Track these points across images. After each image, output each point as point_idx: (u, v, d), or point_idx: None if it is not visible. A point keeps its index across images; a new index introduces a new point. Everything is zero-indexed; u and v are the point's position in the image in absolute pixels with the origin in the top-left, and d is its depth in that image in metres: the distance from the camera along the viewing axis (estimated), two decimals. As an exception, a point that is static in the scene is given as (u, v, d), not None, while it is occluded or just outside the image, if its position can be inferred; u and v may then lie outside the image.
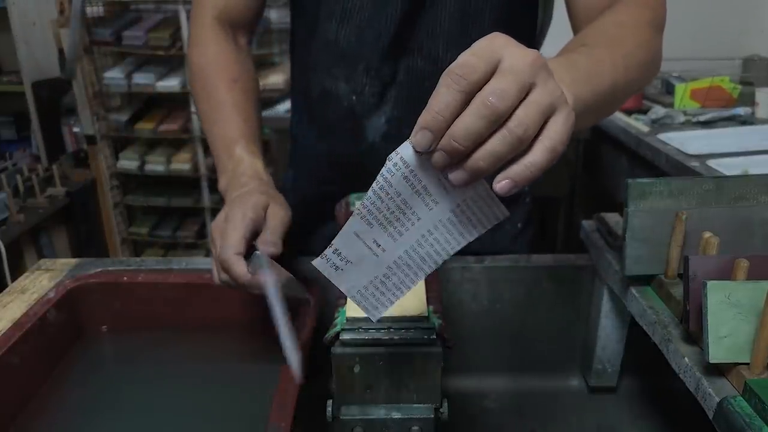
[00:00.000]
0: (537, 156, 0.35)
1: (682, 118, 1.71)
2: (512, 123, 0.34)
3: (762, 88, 1.76)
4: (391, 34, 0.70)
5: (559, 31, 0.77)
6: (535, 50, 0.35)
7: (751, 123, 1.67)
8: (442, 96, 0.34)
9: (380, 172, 0.37)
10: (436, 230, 0.39)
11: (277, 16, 2.13)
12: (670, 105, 1.81)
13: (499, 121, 0.34)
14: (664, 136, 1.56)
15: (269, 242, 0.55)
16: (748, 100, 1.75)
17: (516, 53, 0.34)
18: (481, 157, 0.34)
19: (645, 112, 1.76)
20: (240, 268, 0.52)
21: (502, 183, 0.35)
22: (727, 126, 1.66)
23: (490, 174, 0.35)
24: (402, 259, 0.39)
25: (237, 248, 0.53)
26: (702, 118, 1.67)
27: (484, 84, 0.34)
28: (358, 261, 0.39)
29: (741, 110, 1.68)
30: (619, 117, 1.77)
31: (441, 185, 0.37)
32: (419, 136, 0.34)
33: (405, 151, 0.36)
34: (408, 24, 0.70)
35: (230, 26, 0.76)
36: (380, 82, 0.73)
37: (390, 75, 0.73)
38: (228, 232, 0.54)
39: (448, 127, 0.34)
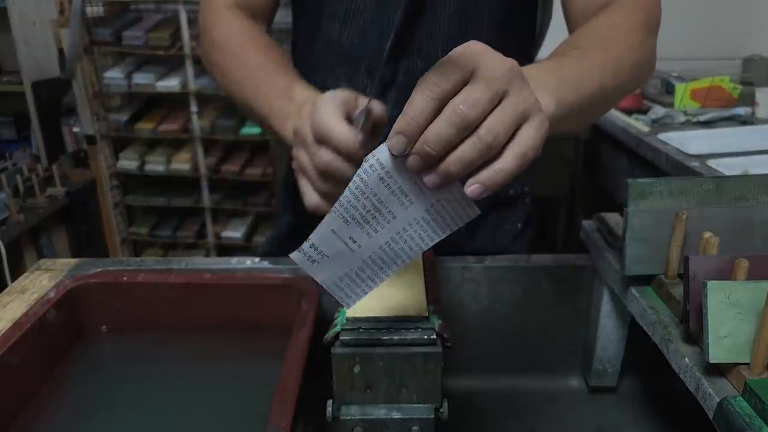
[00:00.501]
0: (506, 162, 0.36)
1: (682, 118, 1.71)
2: (482, 130, 0.35)
3: (762, 88, 1.76)
4: (393, 35, 0.71)
5: (558, 31, 0.77)
6: (511, 59, 0.37)
7: (752, 123, 1.67)
8: (417, 103, 0.35)
9: (356, 173, 0.38)
10: (410, 227, 0.40)
11: (278, 16, 2.13)
12: (670, 105, 1.81)
13: (469, 128, 0.35)
14: (664, 136, 1.56)
15: (372, 104, 0.47)
16: (749, 100, 1.75)
17: (492, 61, 0.36)
18: (452, 162, 0.36)
19: (645, 112, 1.76)
20: (342, 128, 0.44)
21: (472, 187, 0.36)
22: (728, 126, 1.66)
23: (462, 177, 0.37)
24: (377, 254, 0.41)
25: (335, 112, 0.45)
26: (702, 118, 1.67)
27: (458, 91, 0.35)
28: (334, 255, 0.40)
29: (741, 110, 1.68)
30: (619, 117, 1.77)
31: (416, 186, 0.39)
32: (394, 140, 0.36)
33: (381, 154, 0.37)
34: (408, 25, 0.70)
35: (249, 12, 0.74)
36: (381, 83, 0.73)
37: (390, 76, 0.73)
38: (319, 106, 0.46)
39: (422, 132, 0.35)
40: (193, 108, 2.21)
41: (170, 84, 2.19)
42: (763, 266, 0.45)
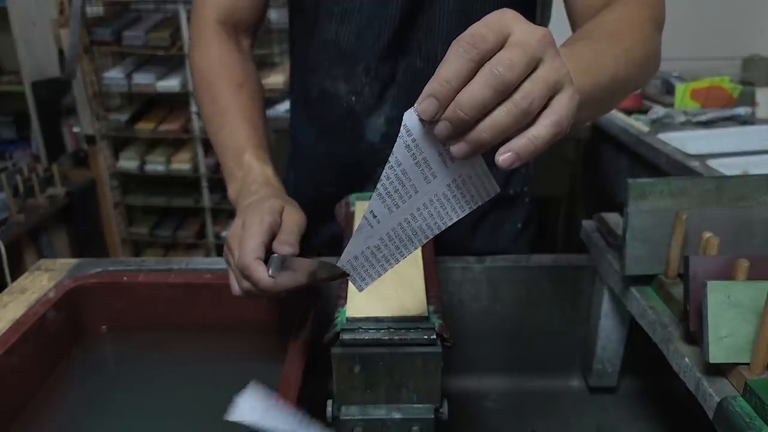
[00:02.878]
0: (541, 129, 0.35)
1: (682, 118, 1.71)
2: (518, 95, 0.34)
3: (762, 88, 1.76)
4: (390, 34, 0.70)
5: (557, 30, 0.77)
6: (545, 27, 0.35)
7: (752, 123, 1.67)
8: (451, 63, 0.33)
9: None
10: (431, 204, 0.38)
11: (277, 16, 2.13)
12: (670, 105, 1.81)
13: (506, 92, 0.33)
14: (664, 136, 1.56)
15: (285, 242, 0.54)
16: (749, 100, 1.75)
17: (526, 28, 0.34)
18: (484, 128, 0.34)
19: (645, 112, 1.76)
20: (261, 272, 0.51)
21: (504, 156, 0.34)
22: (727, 126, 1.67)
23: (491, 149, 0.35)
24: (395, 230, 0.39)
25: (256, 253, 0.52)
26: (702, 118, 1.67)
27: (493, 55, 0.34)
28: (354, 230, 0.39)
29: (741, 110, 1.69)
30: (619, 117, 1.77)
31: (441, 159, 0.37)
32: (425, 103, 0.34)
33: (409, 119, 0.35)
34: (407, 24, 0.70)
35: (233, 27, 0.75)
36: (379, 83, 0.73)
37: (389, 75, 0.73)
38: (246, 238, 0.53)
39: (455, 96, 0.34)
40: (193, 108, 2.21)
41: (170, 84, 2.19)
42: (763, 266, 0.45)
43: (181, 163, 2.29)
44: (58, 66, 2.27)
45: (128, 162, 2.33)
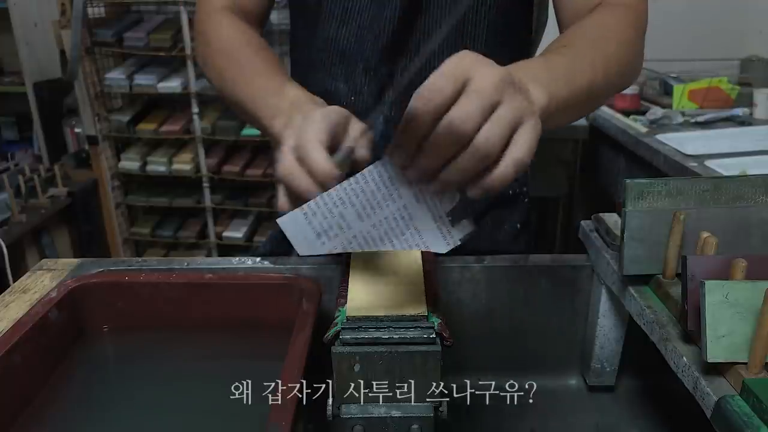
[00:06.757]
0: (504, 169, 0.38)
1: (680, 119, 1.71)
2: (478, 141, 0.37)
3: (760, 88, 1.76)
4: (390, 35, 0.71)
5: (555, 33, 0.77)
6: (504, 68, 0.38)
7: (749, 124, 1.68)
8: (413, 117, 0.37)
9: (357, 175, 0.42)
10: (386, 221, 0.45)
11: (278, 17, 2.13)
12: (669, 106, 1.82)
13: (464, 141, 0.37)
14: (662, 137, 1.56)
15: (359, 142, 0.48)
16: (746, 100, 1.75)
17: (483, 73, 0.37)
18: (451, 172, 0.38)
19: (643, 112, 1.76)
20: (321, 153, 0.44)
21: (473, 192, 0.39)
22: (725, 127, 1.67)
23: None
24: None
25: (319, 136, 0.45)
26: (700, 119, 1.67)
27: (452, 103, 0.36)
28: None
29: (739, 111, 1.69)
30: (618, 118, 1.78)
31: (411, 191, 0.42)
32: (395, 154, 0.39)
33: (383, 163, 0.41)
34: (406, 25, 0.71)
35: (239, 13, 0.75)
36: (378, 83, 0.74)
37: (388, 76, 0.73)
38: (306, 125, 0.46)
39: (420, 144, 0.37)
40: (195, 109, 2.22)
41: (171, 85, 2.19)
42: (761, 266, 0.45)
43: (183, 164, 2.30)
44: (60, 67, 2.28)
45: (130, 162, 2.33)
